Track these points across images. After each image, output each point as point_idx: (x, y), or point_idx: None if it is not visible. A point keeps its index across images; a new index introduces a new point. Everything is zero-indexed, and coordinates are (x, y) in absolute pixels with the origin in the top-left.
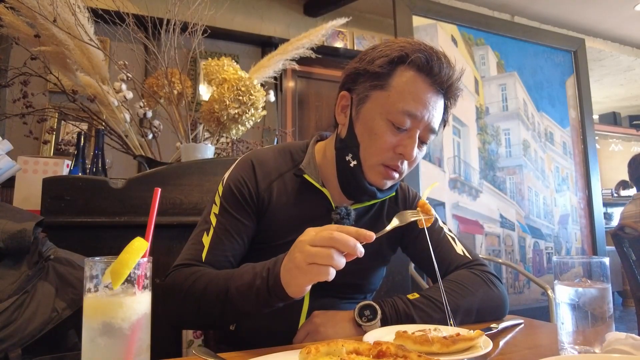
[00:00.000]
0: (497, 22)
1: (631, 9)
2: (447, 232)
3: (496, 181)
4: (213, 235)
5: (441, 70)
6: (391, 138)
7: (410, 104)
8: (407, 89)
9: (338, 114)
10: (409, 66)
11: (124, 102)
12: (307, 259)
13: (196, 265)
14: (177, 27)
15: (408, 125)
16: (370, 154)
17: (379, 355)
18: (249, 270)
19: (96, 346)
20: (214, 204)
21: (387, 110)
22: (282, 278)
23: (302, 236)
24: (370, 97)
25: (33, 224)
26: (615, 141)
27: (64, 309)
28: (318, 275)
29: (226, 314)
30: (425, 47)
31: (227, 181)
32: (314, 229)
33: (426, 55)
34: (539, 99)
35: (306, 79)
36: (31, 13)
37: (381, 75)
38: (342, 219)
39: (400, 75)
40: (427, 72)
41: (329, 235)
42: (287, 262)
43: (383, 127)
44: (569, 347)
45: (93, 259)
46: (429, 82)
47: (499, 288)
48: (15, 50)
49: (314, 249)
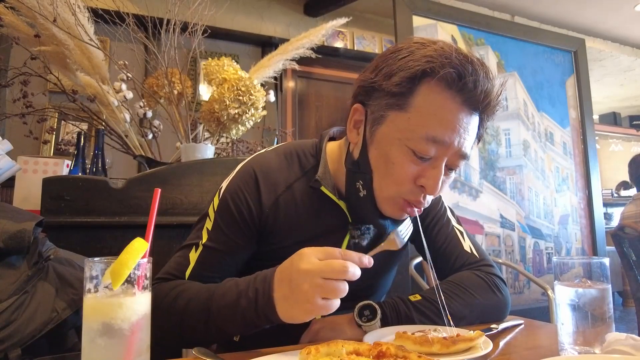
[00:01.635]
0: (497, 22)
1: (631, 9)
2: (455, 226)
3: (496, 181)
4: (201, 253)
5: (477, 85)
6: (411, 168)
7: (435, 129)
8: (432, 111)
9: (350, 130)
10: (436, 82)
11: (124, 102)
12: (321, 294)
13: (177, 279)
14: (177, 27)
15: (433, 154)
16: (385, 185)
17: (379, 355)
18: (232, 287)
19: (96, 346)
20: (208, 218)
21: (407, 136)
22: (279, 307)
23: (304, 262)
24: (387, 118)
25: (33, 224)
26: (615, 141)
27: (64, 309)
28: (328, 309)
29: (211, 334)
30: (458, 56)
31: (225, 193)
32: (314, 252)
33: (458, 70)
34: (539, 99)
35: (306, 79)
36: (31, 13)
37: (400, 94)
38: (362, 234)
39: (424, 94)
40: (459, 89)
41: (343, 269)
42: (289, 292)
43: (402, 156)
44: (569, 348)
45: (93, 260)
46: (461, 100)
47: (502, 292)
48: (15, 50)
49: (329, 284)
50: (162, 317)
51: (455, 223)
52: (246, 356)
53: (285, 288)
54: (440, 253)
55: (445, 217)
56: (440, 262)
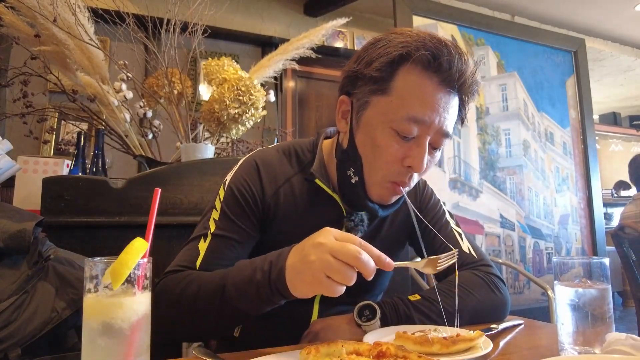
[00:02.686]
0: (497, 22)
1: (631, 9)
2: (453, 227)
3: (496, 181)
4: (210, 242)
5: (452, 65)
6: (397, 149)
7: (416, 109)
8: (411, 92)
9: (339, 121)
10: (412, 65)
11: (124, 102)
12: (325, 269)
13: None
14: (177, 27)
15: (415, 133)
16: (374, 169)
17: (379, 355)
18: (247, 265)
19: (96, 346)
20: (214, 209)
21: (390, 118)
22: (287, 275)
23: (322, 237)
24: (371, 103)
25: (33, 224)
26: (615, 141)
27: (64, 309)
28: (329, 290)
29: (223, 316)
30: (432, 40)
31: (230, 184)
32: (335, 232)
33: (432, 51)
34: (539, 99)
35: (306, 79)
36: (31, 13)
37: (381, 78)
38: (355, 225)
39: (403, 77)
40: (435, 70)
41: (355, 253)
42: (297, 260)
43: (387, 138)
44: (569, 348)
45: (93, 259)
46: (438, 80)
47: (502, 292)
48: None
49: (337, 263)
50: (172, 307)
51: (453, 225)
52: (246, 356)
53: (296, 257)
54: (439, 254)
55: (444, 219)
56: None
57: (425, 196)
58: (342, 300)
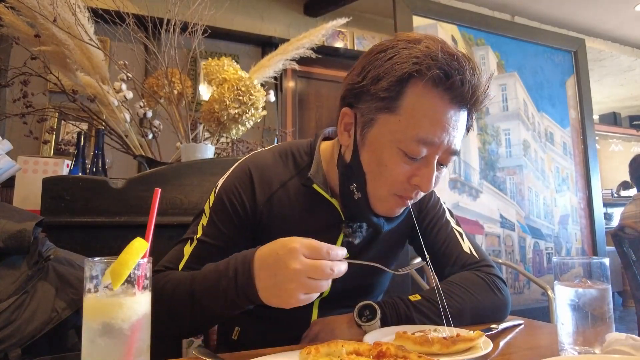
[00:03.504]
0: (497, 22)
1: (631, 10)
2: (454, 227)
3: (496, 181)
4: (195, 247)
5: (464, 83)
6: (404, 169)
7: (426, 130)
8: (421, 112)
9: (341, 133)
10: (423, 83)
11: (124, 102)
12: (305, 290)
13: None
14: (177, 27)
15: (424, 154)
16: (378, 185)
17: (379, 355)
18: (212, 269)
19: (96, 346)
20: (204, 214)
21: (398, 138)
22: (261, 293)
23: (294, 262)
24: (377, 121)
25: (33, 224)
26: (615, 141)
27: (64, 309)
28: (307, 302)
29: (196, 316)
30: (444, 55)
31: (220, 190)
32: (302, 251)
33: (445, 69)
34: (539, 99)
35: (306, 79)
36: (31, 13)
37: (388, 97)
38: (354, 232)
39: (412, 95)
40: (447, 88)
41: (329, 272)
42: (271, 285)
43: (394, 157)
44: (569, 348)
45: (93, 260)
46: (449, 98)
47: (503, 292)
48: (15, 50)
49: (313, 283)
50: (154, 306)
51: (454, 224)
52: (246, 356)
53: (268, 279)
54: (440, 254)
55: (444, 219)
56: (440, 263)
57: (425, 195)
58: (342, 303)
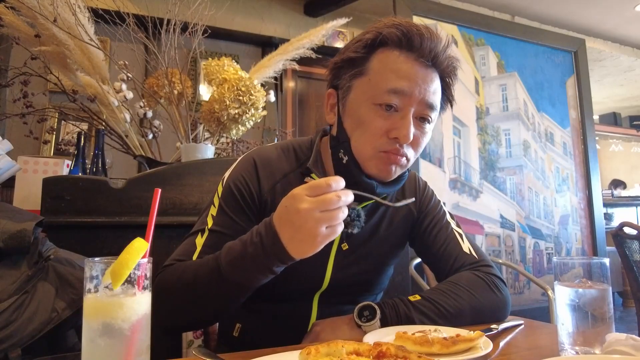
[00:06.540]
0: (497, 23)
1: (631, 10)
2: (454, 228)
3: (496, 181)
4: (207, 237)
5: (422, 42)
6: (382, 123)
7: (393, 81)
8: (387, 67)
9: (327, 114)
10: (386, 46)
11: (124, 102)
12: (324, 223)
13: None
14: (177, 27)
15: (397, 103)
16: (362, 144)
17: (379, 356)
18: (236, 242)
19: (96, 347)
20: (212, 205)
21: (372, 95)
22: (288, 247)
23: (301, 203)
24: (353, 86)
25: (33, 224)
26: (615, 141)
27: (64, 309)
28: (334, 234)
29: (222, 296)
30: (402, 22)
31: (227, 181)
32: (304, 192)
33: (402, 30)
34: (539, 99)
35: (306, 79)
36: (31, 13)
37: (358, 60)
38: (352, 220)
39: (378, 57)
40: (408, 47)
41: (337, 200)
42: (292, 232)
43: (370, 113)
44: (569, 348)
45: (93, 260)
46: (412, 57)
47: (502, 292)
48: (16, 50)
49: (330, 214)
50: (172, 297)
51: (454, 225)
52: (246, 356)
53: (289, 230)
54: (440, 254)
55: (444, 219)
56: (439, 263)
57: (426, 197)
58: (342, 299)
